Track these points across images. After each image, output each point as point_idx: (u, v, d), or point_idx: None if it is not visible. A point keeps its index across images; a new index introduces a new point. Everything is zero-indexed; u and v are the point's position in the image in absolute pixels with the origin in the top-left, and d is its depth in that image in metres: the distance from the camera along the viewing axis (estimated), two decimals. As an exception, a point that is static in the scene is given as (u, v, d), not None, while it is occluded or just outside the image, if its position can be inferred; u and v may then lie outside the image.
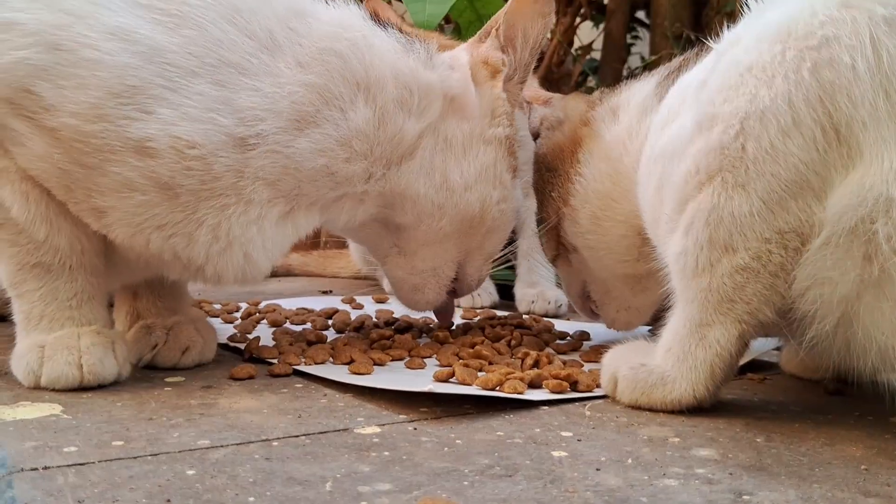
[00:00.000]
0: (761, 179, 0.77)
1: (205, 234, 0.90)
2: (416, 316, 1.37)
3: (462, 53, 1.09)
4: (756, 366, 1.07)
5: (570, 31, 2.59)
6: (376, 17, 1.02)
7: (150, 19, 0.85)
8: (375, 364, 1.02)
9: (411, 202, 1.03)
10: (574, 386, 0.94)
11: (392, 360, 1.05)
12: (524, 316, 1.36)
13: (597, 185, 1.06)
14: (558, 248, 1.15)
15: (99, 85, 0.83)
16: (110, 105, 0.84)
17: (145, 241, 0.90)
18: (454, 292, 1.13)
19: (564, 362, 1.04)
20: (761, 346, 1.07)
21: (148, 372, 1.00)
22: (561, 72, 2.48)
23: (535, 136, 1.20)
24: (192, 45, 0.86)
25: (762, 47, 0.78)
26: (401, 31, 1.03)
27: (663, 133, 0.88)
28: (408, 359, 1.06)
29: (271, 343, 1.12)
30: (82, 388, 0.91)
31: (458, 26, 1.66)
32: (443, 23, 1.55)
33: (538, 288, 1.57)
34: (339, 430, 0.80)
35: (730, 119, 0.78)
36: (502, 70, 1.09)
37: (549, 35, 2.62)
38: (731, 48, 0.82)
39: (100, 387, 0.92)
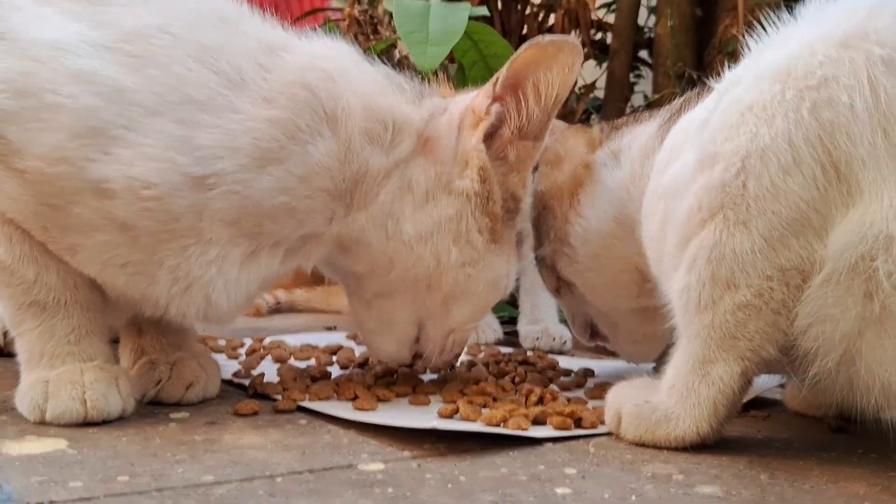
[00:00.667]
0: (762, 217, 0.78)
1: (165, 275, 0.90)
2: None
3: (464, 99, 1.04)
4: (760, 403, 1.07)
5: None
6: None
7: (115, 61, 0.86)
8: (379, 400, 1.02)
9: (365, 248, 0.99)
10: (578, 423, 0.94)
11: (396, 397, 1.05)
12: (528, 352, 1.36)
13: (600, 225, 1.06)
14: (558, 282, 1.15)
15: (60, 128, 0.84)
16: (72, 147, 0.85)
17: (112, 278, 0.92)
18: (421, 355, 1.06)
19: (569, 399, 1.04)
20: (765, 384, 1.06)
21: (153, 408, 1.00)
22: (564, 110, 2.49)
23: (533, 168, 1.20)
24: (156, 85, 0.87)
25: (762, 86, 0.80)
26: (399, 69, 1.02)
27: (666, 171, 0.89)
28: (412, 395, 1.06)
29: (275, 379, 1.12)
30: (87, 424, 0.91)
31: (461, 66, 1.68)
32: (447, 62, 1.56)
33: (542, 324, 1.57)
34: (343, 467, 0.80)
35: (731, 157, 0.79)
36: (484, 119, 1.00)
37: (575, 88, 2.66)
38: (732, 88, 0.83)
39: (105, 422, 0.92)
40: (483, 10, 1.76)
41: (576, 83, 2.65)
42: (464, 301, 1.02)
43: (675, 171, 0.87)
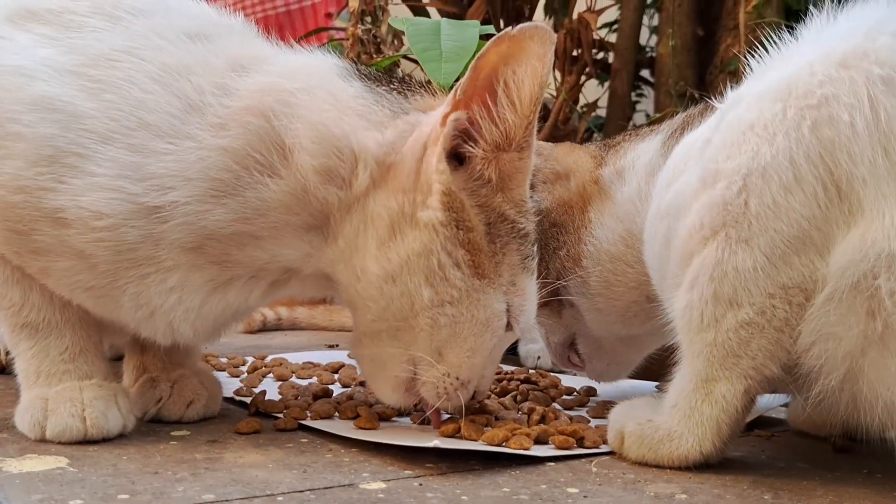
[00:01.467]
0: (764, 235, 0.78)
1: (129, 301, 0.89)
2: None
3: (437, 113, 0.90)
4: (763, 422, 1.07)
5: (576, 89, 2.63)
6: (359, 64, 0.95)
7: (76, 86, 0.85)
8: (381, 419, 1.02)
9: (342, 287, 0.91)
10: (580, 442, 0.94)
11: (398, 416, 1.05)
12: (530, 371, 1.35)
13: (610, 247, 1.06)
14: (551, 299, 1.11)
15: (19, 156, 0.84)
16: (28, 176, 0.84)
17: (81, 301, 0.91)
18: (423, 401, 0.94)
19: (571, 418, 1.04)
20: (769, 403, 1.06)
21: (154, 425, 1.00)
22: (567, 129, 2.50)
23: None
24: (112, 110, 0.85)
25: (763, 105, 0.80)
26: (389, 81, 0.93)
27: (669, 190, 0.89)
28: (413, 414, 1.06)
29: (277, 397, 1.11)
30: (87, 442, 0.90)
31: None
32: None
33: (542, 343, 1.56)
34: (344, 486, 0.79)
35: (732, 175, 0.80)
36: (440, 131, 0.87)
37: (551, 88, 2.67)
38: (734, 107, 0.84)
39: (105, 440, 0.91)
40: (489, 29, 1.76)
41: (578, 101, 2.67)
42: (452, 344, 0.89)
43: (678, 189, 0.87)
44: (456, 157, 0.89)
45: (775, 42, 0.86)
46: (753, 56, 0.87)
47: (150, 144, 0.85)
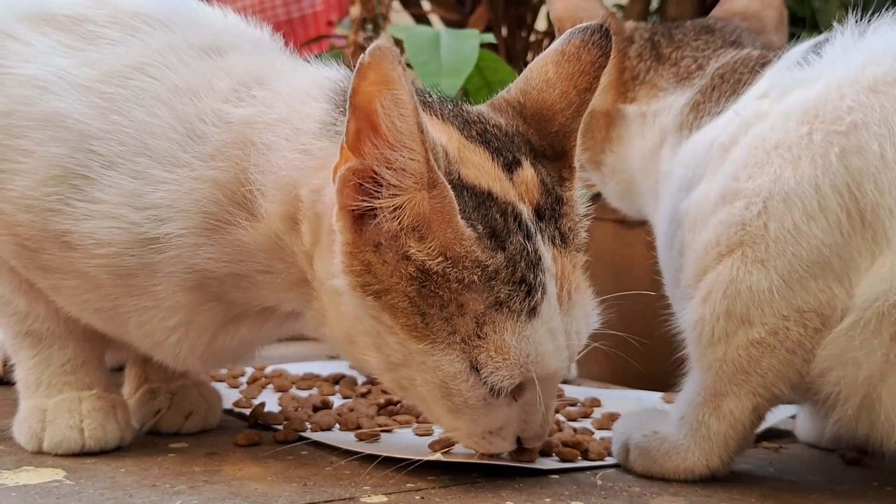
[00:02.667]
0: (782, 258, 0.77)
1: (135, 328, 0.87)
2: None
3: None
4: (771, 434, 1.06)
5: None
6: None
7: (88, 103, 0.82)
8: (382, 431, 1.00)
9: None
10: (585, 454, 0.92)
11: (399, 427, 1.04)
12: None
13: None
14: None
15: (27, 173, 0.82)
16: (36, 195, 0.82)
17: (90, 320, 0.90)
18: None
19: (575, 429, 1.03)
20: (776, 415, 1.05)
21: (152, 437, 0.98)
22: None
23: None
24: (119, 132, 0.82)
25: (789, 126, 0.79)
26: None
27: (687, 196, 0.87)
28: (416, 425, 1.04)
29: (277, 409, 1.10)
30: (85, 454, 0.89)
31: (466, 92, 1.68)
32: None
33: None
34: (344, 499, 0.78)
35: (752, 196, 0.79)
36: (338, 190, 0.74)
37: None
38: (759, 121, 0.82)
39: (103, 452, 0.90)
40: (489, 38, 1.76)
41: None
42: (427, 407, 0.81)
43: (696, 200, 0.85)
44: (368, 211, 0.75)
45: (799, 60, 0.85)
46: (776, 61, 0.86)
47: (151, 171, 0.82)
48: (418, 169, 0.72)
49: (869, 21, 0.83)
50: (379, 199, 0.73)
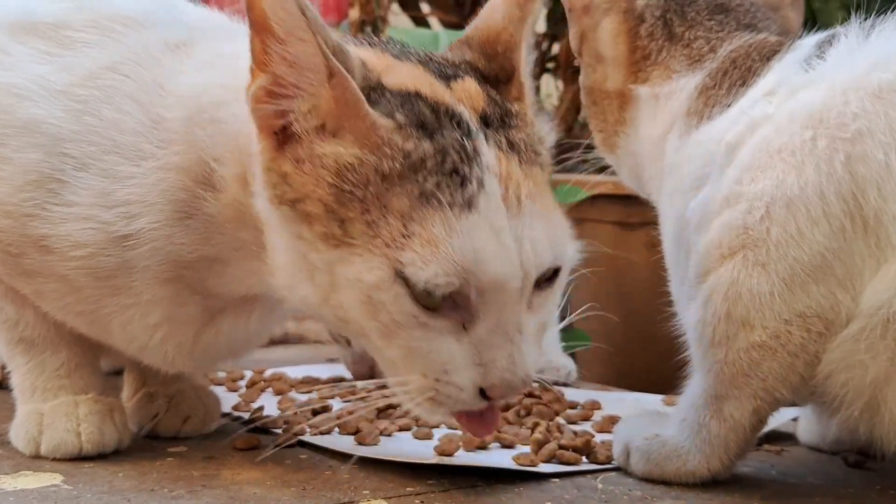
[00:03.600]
0: (783, 261, 0.77)
1: (118, 330, 0.87)
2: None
3: None
4: (773, 437, 1.05)
5: (578, 98, 2.62)
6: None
7: (63, 107, 0.82)
8: (382, 434, 1.00)
9: None
10: (586, 457, 0.92)
11: (399, 431, 1.03)
12: (533, 384, 1.33)
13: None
14: None
15: (5, 180, 0.83)
16: (14, 201, 0.83)
17: (75, 324, 0.90)
18: None
19: (575, 432, 1.02)
20: (779, 417, 1.04)
21: (150, 441, 0.98)
22: (570, 137, 2.50)
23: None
24: (90, 132, 0.82)
25: (793, 130, 0.78)
26: None
27: (694, 197, 0.86)
28: (415, 429, 1.04)
29: (276, 412, 1.10)
30: (82, 458, 0.89)
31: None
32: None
33: (545, 357, 1.54)
34: (344, 503, 0.78)
35: (755, 200, 0.78)
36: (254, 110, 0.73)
37: (553, 97, 2.66)
38: (764, 123, 0.81)
39: (101, 456, 0.90)
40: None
41: (580, 110, 2.65)
42: (366, 343, 0.75)
43: (701, 201, 0.85)
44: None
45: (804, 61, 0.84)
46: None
47: (119, 168, 0.82)
48: (313, 60, 0.69)
49: (873, 23, 0.82)
50: (288, 106, 0.71)
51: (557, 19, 2.73)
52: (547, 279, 0.73)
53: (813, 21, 2.21)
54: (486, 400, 0.72)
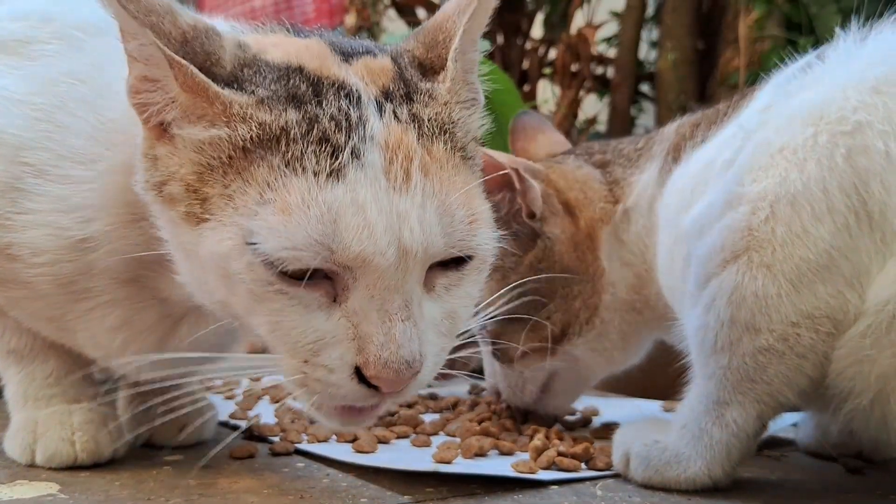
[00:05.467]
0: (788, 262, 0.76)
1: (83, 336, 0.87)
2: (421, 392, 1.34)
3: None
4: (773, 443, 1.05)
5: (575, 103, 2.62)
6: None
7: (23, 116, 0.82)
8: (379, 442, 1.00)
9: None
10: (585, 464, 0.92)
11: (397, 438, 1.03)
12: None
13: (625, 296, 1.01)
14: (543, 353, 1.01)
15: None
16: None
17: (48, 332, 0.90)
18: None
19: (574, 439, 1.02)
20: (778, 423, 1.04)
21: (147, 450, 0.97)
22: (569, 141, 2.50)
23: (531, 216, 1.02)
24: (46, 140, 0.82)
25: (794, 129, 0.78)
26: None
27: (689, 212, 0.86)
28: (413, 436, 1.04)
29: (273, 420, 1.09)
30: (78, 467, 0.88)
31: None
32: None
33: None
34: (341, 512, 0.77)
35: (758, 200, 0.78)
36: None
37: (550, 103, 2.66)
38: (761, 128, 0.82)
39: (97, 465, 0.89)
40: (485, 45, 1.76)
41: (577, 116, 2.66)
42: (241, 323, 0.73)
43: (700, 211, 0.85)
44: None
45: (797, 62, 0.85)
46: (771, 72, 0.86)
47: (73, 173, 0.81)
48: (154, 54, 0.68)
49: (871, 27, 0.82)
50: (153, 99, 0.71)
51: (554, 25, 2.74)
52: (454, 265, 0.70)
53: (810, 27, 2.22)
54: (369, 389, 0.67)
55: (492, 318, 0.83)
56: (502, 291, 0.86)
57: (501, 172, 0.99)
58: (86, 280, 0.83)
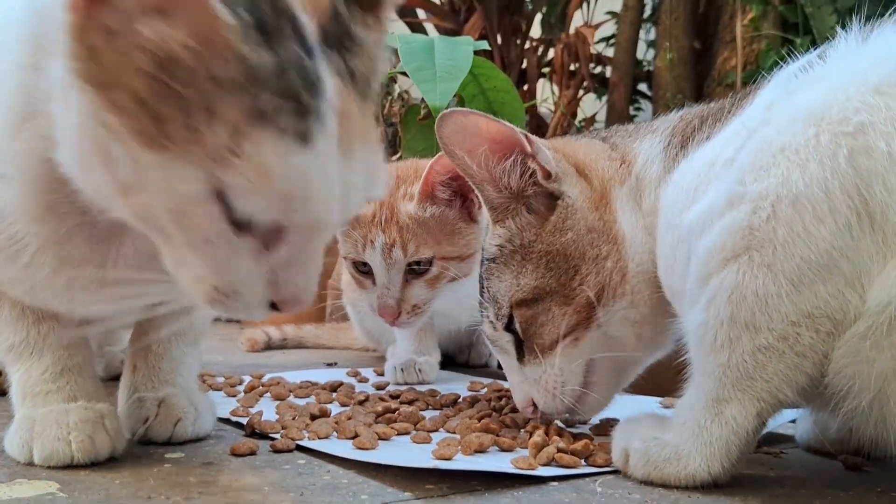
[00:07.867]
0: (789, 261, 0.76)
1: (42, 292, 0.87)
2: (421, 389, 1.35)
3: None
4: (772, 440, 1.05)
5: (574, 103, 2.63)
6: None
7: None
8: (380, 439, 1.00)
9: None
10: (585, 460, 0.92)
11: (397, 435, 1.03)
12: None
13: (651, 268, 0.96)
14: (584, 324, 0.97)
15: None
16: None
17: (20, 296, 0.90)
18: None
19: (574, 436, 1.02)
20: (777, 420, 1.04)
21: (148, 448, 0.97)
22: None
23: (547, 175, 0.98)
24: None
25: (796, 129, 0.78)
26: None
27: (690, 211, 0.86)
28: (414, 433, 1.04)
29: (274, 417, 1.09)
30: (78, 466, 0.88)
31: (461, 99, 1.68)
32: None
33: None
34: (342, 509, 0.77)
35: (759, 200, 0.78)
36: None
37: (549, 102, 2.66)
38: (763, 127, 0.82)
39: (97, 463, 0.89)
40: (484, 45, 1.76)
41: (576, 115, 2.66)
42: (161, 239, 0.70)
43: (700, 210, 0.84)
44: None
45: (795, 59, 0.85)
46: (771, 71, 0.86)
47: None
48: None
49: (872, 27, 0.82)
50: None
51: (552, 25, 2.74)
52: None
53: (806, 26, 2.22)
54: (274, 310, 0.73)
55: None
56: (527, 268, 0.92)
57: (508, 137, 0.98)
58: (8, 228, 0.82)
